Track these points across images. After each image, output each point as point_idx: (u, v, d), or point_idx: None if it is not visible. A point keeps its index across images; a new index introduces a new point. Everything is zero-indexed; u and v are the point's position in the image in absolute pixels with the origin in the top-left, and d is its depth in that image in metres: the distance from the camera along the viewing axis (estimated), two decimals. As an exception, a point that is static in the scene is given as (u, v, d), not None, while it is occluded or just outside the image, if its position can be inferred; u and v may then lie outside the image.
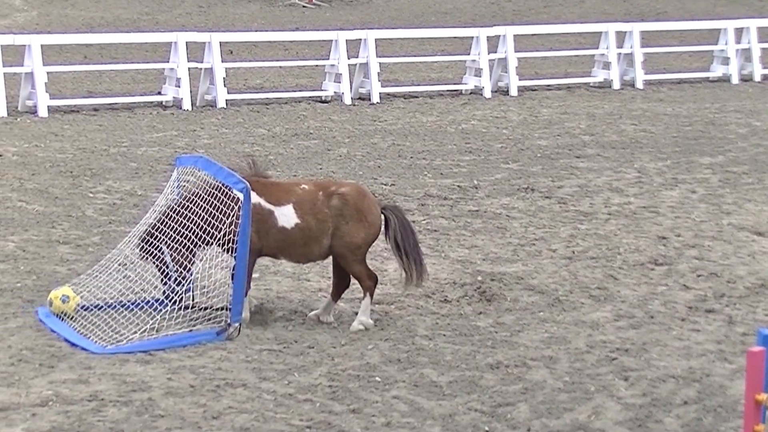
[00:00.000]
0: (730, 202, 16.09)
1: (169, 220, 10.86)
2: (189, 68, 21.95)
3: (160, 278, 10.95)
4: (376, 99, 23.21)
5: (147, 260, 11.02)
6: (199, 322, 10.68)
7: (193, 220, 10.73)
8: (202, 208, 10.72)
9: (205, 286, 11.02)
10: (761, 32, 28.17)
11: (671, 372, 10.19)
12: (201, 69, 22.19)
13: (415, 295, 11.76)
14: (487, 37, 24.74)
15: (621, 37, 26.42)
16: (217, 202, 10.65)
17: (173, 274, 10.79)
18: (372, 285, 11.06)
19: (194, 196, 10.86)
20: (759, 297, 12.29)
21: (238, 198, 10.51)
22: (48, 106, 20.69)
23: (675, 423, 9.22)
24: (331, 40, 23.72)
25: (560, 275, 12.77)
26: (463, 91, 24.62)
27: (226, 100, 22.13)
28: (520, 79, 25.00)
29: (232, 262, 10.74)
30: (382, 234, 11.09)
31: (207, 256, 10.94)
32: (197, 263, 10.91)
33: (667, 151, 19.31)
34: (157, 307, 10.78)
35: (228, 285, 11.03)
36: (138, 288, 11.23)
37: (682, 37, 30.66)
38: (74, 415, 8.96)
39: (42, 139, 18.69)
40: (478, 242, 13.93)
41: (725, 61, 27.58)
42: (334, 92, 23.19)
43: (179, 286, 10.73)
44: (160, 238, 10.84)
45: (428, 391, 9.65)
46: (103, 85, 23.82)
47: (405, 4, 38.44)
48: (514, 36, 25.22)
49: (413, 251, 11.04)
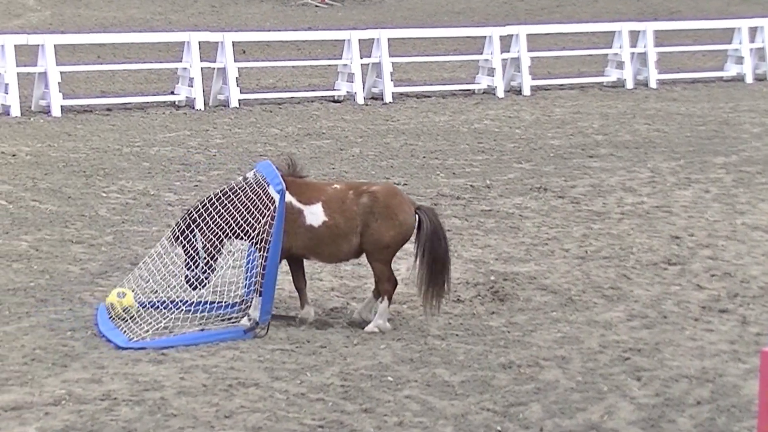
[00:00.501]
0: (744, 201, 16.05)
1: (210, 209, 10.87)
2: (202, 68, 21.96)
3: (186, 263, 10.94)
4: (388, 99, 23.20)
5: (176, 244, 10.99)
6: (236, 321, 10.80)
7: (231, 212, 10.78)
8: (242, 202, 10.79)
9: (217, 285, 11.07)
10: (775, 31, 28.09)
11: (684, 372, 10.16)
12: (214, 69, 22.22)
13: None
14: (500, 37, 24.72)
15: (634, 36, 26.37)
16: (256, 199, 10.73)
17: (201, 262, 10.82)
18: (390, 289, 11.03)
19: (237, 189, 10.91)
20: (773, 297, 12.27)
21: (274, 197, 10.57)
22: (61, 106, 20.72)
23: (688, 423, 9.19)
24: (344, 40, 23.73)
25: (573, 275, 12.74)
26: (476, 91, 24.59)
27: (239, 100, 22.15)
28: (533, 79, 24.96)
29: (251, 260, 10.82)
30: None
31: (227, 251, 10.99)
32: (224, 255, 10.97)
33: (681, 151, 19.27)
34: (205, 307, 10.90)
35: (239, 285, 11.07)
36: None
37: (695, 36, 30.60)
38: (87, 414, 8.98)
39: (55, 139, 18.73)
40: (491, 242, 13.92)
41: (739, 61, 27.50)
42: (347, 92, 23.19)
43: (203, 274, 10.80)
44: (199, 224, 10.85)
45: (441, 391, 9.64)
46: (117, 84, 23.85)
47: (418, 4, 38.41)
48: (527, 35, 25.18)
49: (440, 263, 10.88)
